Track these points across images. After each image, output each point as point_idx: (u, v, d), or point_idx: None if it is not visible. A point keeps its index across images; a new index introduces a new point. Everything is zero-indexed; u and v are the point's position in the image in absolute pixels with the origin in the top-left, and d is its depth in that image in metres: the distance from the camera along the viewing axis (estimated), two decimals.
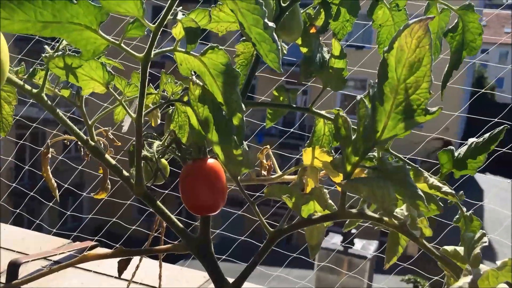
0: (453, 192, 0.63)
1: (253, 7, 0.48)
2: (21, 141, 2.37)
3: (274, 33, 0.51)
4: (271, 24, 0.50)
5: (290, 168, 0.87)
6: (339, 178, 0.69)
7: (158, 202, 0.69)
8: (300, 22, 0.90)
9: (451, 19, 0.82)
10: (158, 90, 0.73)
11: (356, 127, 0.59)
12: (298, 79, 0.95)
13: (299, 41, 0.94)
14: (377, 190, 0.55)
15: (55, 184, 0.77)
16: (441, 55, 0.87)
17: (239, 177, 0.65)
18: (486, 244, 0.61)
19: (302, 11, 0.93)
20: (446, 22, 0.81)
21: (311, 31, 0.97)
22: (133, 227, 1.92)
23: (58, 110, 0.63)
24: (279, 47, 0.52)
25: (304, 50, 0.94)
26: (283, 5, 0.84)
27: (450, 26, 0.81)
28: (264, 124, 0.95)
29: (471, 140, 0.73)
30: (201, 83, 0.59)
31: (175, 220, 0.72)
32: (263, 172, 0.95)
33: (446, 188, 0.63)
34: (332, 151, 0.85)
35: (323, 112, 0.85)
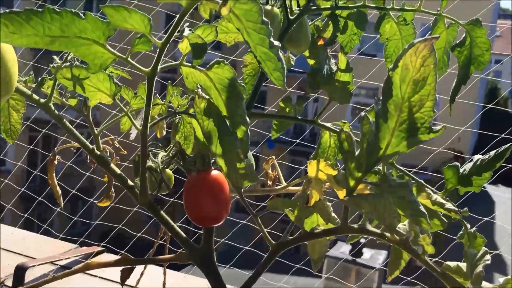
0: (456, 209, 0.63)
1: (259, 26, 0.49)
2: (31, 146, 2.39)
3: (279, 52, 0.51)
4: (276, 43, 0.51)
5: (301, 174, 0.87)
6: (343, 193, 0.69)
7: (161, 212, 0.69)
8: (308, 35, 0.91)
9: (459, 34, 0.82)
10: (164, 100, 0.73)
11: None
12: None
13: (306, 53, 0.95)
14: (379, 207, 0.55)
15: (60, 191, 0.78)
16: (449, 70, 0.87)
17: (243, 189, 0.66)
18: (489, 262, 0.60)
19: (310, 23, 0.94)
20: (454, 37, 0.81)
21: (319, 43, 0.98)
22: (139, 234, 1.93)
23: (65, 119, 0.64)
24: (284, 66, 0.52)
25: (311, 62, 0.94)
26: (291, 17, 0.85)
27: (457, 41, 0.81)
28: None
29: (476, 157, 0.73)
30: (206, 97, 0.60)
31: (179, 230, 0.72)
32: (268, 182, 0.96)
33: (449, 205, 0.63)
34: (338, 163, 0.85)
35: (328, 125, 0.85)
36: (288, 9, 0.85)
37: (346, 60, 0.78)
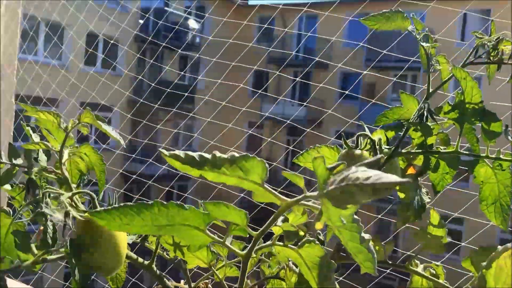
0: None
1: (350, 225, 0.50)
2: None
3: (370, 245, 0.52)
4: (367, 236, 0.52)
5: None
6: None
7: None
8: (398, 172, 0.91)
9: None
10: (256, 255, 0.76)
11: None
12: None
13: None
14: None
15: None
16: None
17: None
18: None
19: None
20: None
21: (409, 172, 0.97)
22: None
23: (165, 279, 0.69)
24: (375, 256, 0.53)
25: (401, 195, 0.94)
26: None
27: None
28: None
29: None
30: (297, 270, 0.62)
31: None
32: None
33: None
34: None
35: (420, 270, 0.83)
36: (377, 151, 0.86)
37: (439, 216, 0.77)
